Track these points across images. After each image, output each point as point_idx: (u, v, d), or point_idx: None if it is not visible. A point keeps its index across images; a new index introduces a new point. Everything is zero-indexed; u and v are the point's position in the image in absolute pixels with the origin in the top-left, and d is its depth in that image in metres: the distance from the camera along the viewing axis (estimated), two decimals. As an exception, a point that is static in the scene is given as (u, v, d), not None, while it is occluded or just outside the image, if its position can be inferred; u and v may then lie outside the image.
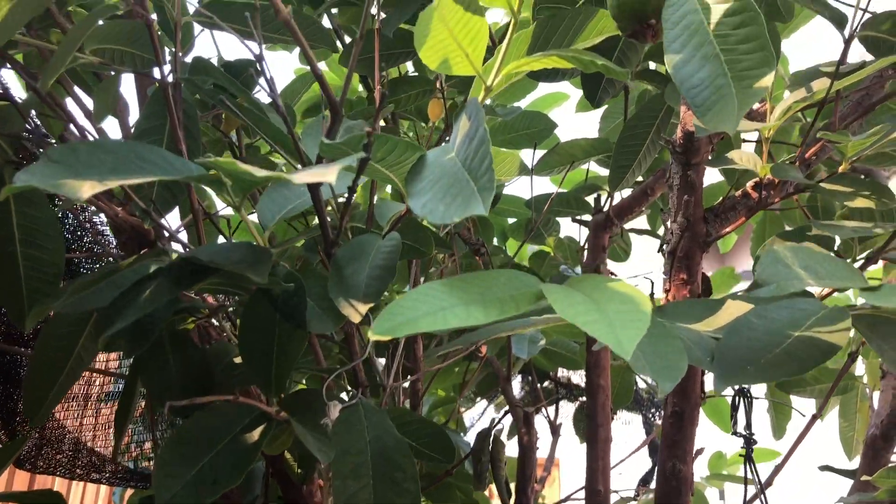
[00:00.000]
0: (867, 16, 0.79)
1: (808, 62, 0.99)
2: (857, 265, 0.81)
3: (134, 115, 1.08)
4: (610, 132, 1.47)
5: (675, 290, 0.82)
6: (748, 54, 0.55)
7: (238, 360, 0.76)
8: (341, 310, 0.61)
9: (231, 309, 0.84)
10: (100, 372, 1.01)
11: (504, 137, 1.53)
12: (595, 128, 1.54)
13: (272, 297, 0.63)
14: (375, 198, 0.91)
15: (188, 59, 1.15)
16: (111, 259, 0.92)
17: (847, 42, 0.77)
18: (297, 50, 1.28)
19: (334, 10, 1.28)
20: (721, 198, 0.84)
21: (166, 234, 0.92)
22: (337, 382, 0.79)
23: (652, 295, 0.89)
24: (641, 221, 1.46)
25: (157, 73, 0.82)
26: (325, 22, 1.34)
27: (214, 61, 1.15)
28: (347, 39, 1.36)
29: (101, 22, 0.81)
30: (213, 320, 0.82)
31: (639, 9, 0.61)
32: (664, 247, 0.83)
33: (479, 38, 0.59)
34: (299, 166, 0.68)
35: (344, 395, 1.09)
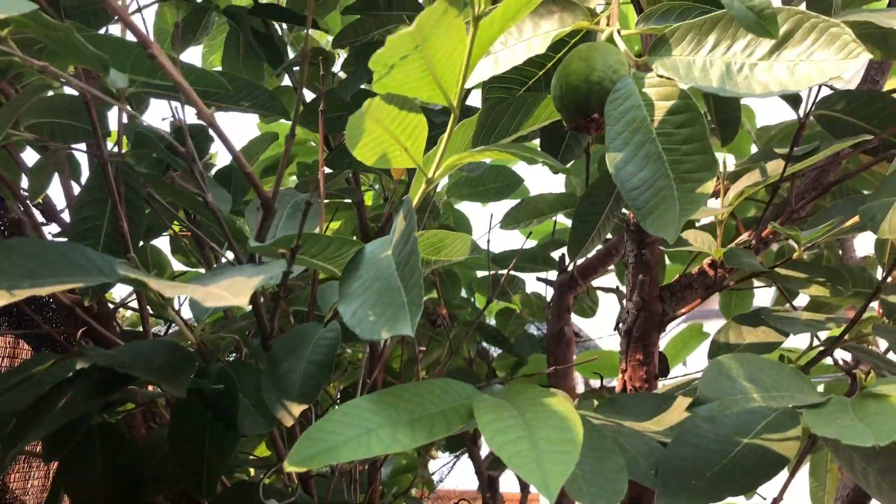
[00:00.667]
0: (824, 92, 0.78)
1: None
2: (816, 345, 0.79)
3: (85, 175, 1.05)
4: (576, 186, 1.46)
5: (630, 371, 0.80)
6: (691, 156, 0.53)
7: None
8: (273, 412, 0.59)
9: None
10: (34, 455, 0.97)
11: (471, 191, 1.52)
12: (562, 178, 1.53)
13: (204, 394, 0.60)
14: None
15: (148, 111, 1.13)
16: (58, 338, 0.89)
17: (802, 121, 0.76)
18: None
19: (295, 67, 1.26)
20: (677, 275, 0.82)
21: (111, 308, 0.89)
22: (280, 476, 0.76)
23: (602, 388, 0.87)
24: (610, 278, 1.45)
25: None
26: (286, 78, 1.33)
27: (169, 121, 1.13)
28: (309, 94, 1.34)
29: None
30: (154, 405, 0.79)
31: (581, 102, 0.59)
32: (620, 325, 0.81)
33: (417, 133, 0.57)
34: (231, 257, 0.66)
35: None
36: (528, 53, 0.64)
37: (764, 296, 1.47)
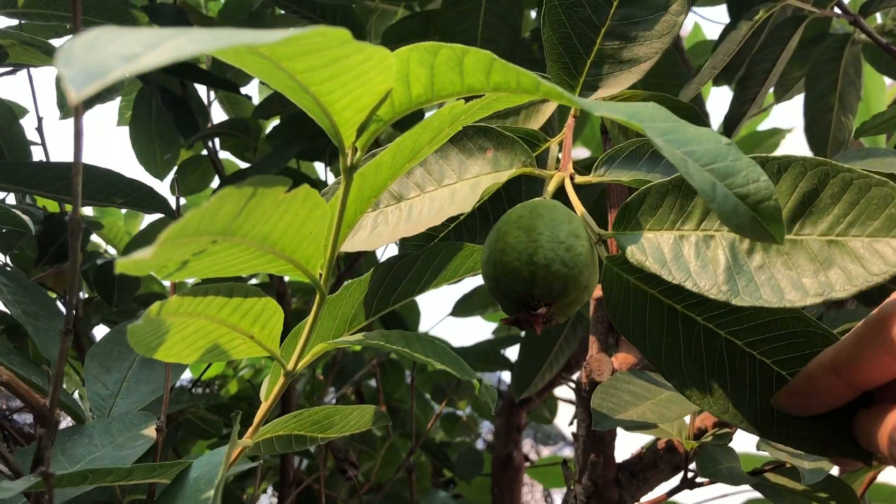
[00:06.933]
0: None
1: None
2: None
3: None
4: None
5: (576, 575, 0.63)
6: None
7: None
8: None
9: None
10: None
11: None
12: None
13: None
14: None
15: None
16: None
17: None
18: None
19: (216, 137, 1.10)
20: (639, 449, 0.65)
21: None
22: None
23: None
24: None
25: None
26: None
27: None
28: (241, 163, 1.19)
29: None
30: None
31: (523, 291, 0.39)
32: (566, 512, 0.64)
33: (267, 316, 0.40)
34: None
35: None
36: (452, 208, 0.47)
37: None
